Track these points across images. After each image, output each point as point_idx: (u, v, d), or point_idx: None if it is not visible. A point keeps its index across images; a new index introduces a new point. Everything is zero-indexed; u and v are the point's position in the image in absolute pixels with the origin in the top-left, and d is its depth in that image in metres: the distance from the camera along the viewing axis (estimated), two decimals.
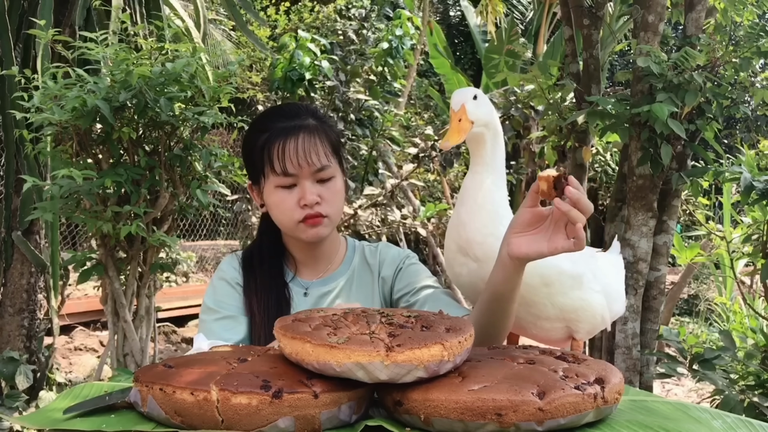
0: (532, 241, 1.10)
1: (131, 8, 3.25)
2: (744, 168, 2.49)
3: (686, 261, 3.78)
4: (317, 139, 1.32)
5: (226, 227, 8.67)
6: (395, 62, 5.78)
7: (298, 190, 1.31)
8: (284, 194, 1.32)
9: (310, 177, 1.31)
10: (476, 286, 1.26)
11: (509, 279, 1.15)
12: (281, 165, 1.30)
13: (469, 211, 1.24)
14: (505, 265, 1.13)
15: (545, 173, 1.05)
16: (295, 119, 1.34)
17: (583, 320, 1.30)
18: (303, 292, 1.41)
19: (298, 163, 1.29)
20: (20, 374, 3.23)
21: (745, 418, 0.92)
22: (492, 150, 1.25)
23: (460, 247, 1.26)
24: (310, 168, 1.30)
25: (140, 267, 2.63)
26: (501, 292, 1.16)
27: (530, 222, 1.10)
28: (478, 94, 1.23)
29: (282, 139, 1.30)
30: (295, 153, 1.29)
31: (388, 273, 1.43)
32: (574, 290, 1.24)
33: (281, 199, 1.32)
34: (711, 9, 2.69)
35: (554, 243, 1.08)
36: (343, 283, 1.43)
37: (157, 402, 0.84)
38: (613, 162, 4.69)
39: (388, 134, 5.36)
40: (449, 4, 13.14)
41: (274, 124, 1.33)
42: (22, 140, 2.90)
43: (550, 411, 0.80)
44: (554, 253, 1.09)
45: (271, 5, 6.88)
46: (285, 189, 1.32)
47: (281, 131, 1.31)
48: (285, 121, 1.33)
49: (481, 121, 1.22)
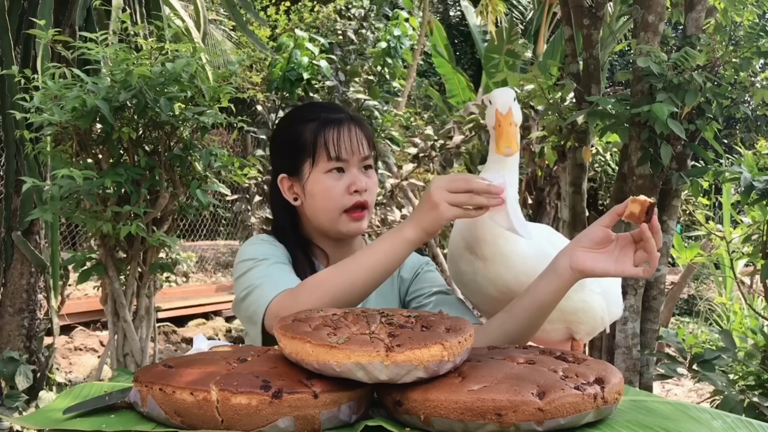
0: (599, 259, 1.14)
1: (131, 8, 3.25)
2: (744, 168, 2.49)
3: (686, 261, 3.77)
4: (363, 130, 1.37)
5: (226, 227, 8.67)
6: (394, 62, 5.78)
7: (346, 177, 1.34)
8: (334, 180, 1.33)
9: (358, 165, 1.35)
10: (479, 285, 1.25)
11: (559, 290, 1.17)
12: (336, 150, 1.32)
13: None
14: (561, 276, 1.16)
15: (640, 198, 1.10)
16: (341, 112, 1.39)
17: (584, 322, 1.30)
18: None
19: (351, 150, 1.33)
20: (20, 374, 3.23)
21: (745, 418, 0.92)
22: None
23: (468, 244, 1.24)
24: (360, 155, 1.34)
25: (140, 267, 2.63)
26: (546, 302, 1.18)
27: (601, 240, 1.14)
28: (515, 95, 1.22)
29: (335, 126, 1.34)
30: (348, 139, 1.33)
31: (408, 275, 1.45)
32: (576, 293, 1.24)
33: (331, 185, 1.33)
34: (711, 9, 2.69)
35: (622, 266, 1.13)
36: None
37: (157, 402, 0.84)
38: (613, 162, 4.70)
39: (388, 134, 5.36)
40: (449, 4, 13.13)
41: (322, 114, 1.37)
42: (22, 140, 2.90)
43: (550, 411, 0.80)
44: (620, 276, 1.15)
45: (271, 5, 6.87)
46: (335, 175, 1.33)
47: (332, 120, 1.35)
48: (331, 112, 1.38)
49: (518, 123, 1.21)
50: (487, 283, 1.23)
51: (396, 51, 5.74)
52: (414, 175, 5.84)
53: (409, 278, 1.45)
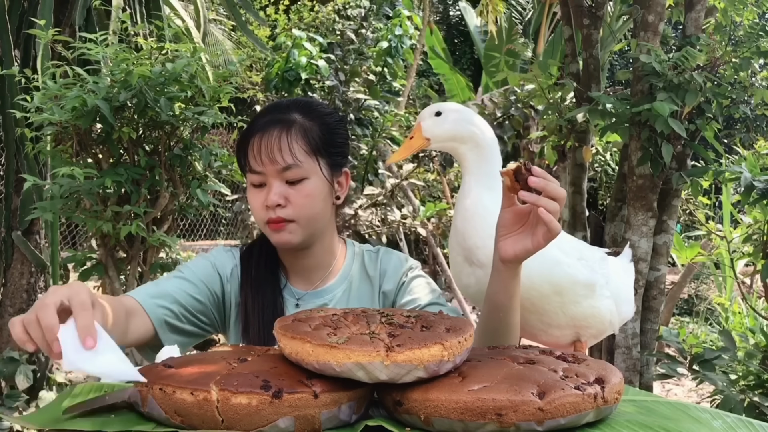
0: (517, 240, 1.08)
1: (131, 8, 3.25)
2: (744, 168, 2.49)
3: (686, 261, 3.78)
4: (290, 136, 1.23)
5: (226, 227, 8.67)
6: (395, 62, 5.78)
7: (264, 191, 1.24)
8: (254, 193, 1.25)
9: (278, 176, 1.22)
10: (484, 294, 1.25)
11: (506, 286, 1.13)
12: (247, 161, 1.24)
13: (463, 220, 1.24)
14: (499, 271, 1.12)
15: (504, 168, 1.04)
16: (277, 114, 1.26)
17: (592, 326, 1.29)
18: (295, 303, 1.32)
19: (261, 160, 1.22)
20: (20, 374, 3.23)
21: (745, 418, 0.92)
22: (477, 160, 1.24)
23: (464, 257, 1.25)
24: (275, 166, 1.21)
25: (140, 267, 2.63)
26: (500, 301, 1.14)
27: (513, 222, 1.09)
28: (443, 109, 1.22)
29: (253, 135, 1.24)
30: (259, 149, 1.22)
31: (390, 287, 1.33)
32: (587, 299, 1.23)
33: (251, 198, 1.26)
34: (711, 9, 2.69)
35: (536, 237, 1.06)
36: (339, 295, 1.34)
37: (157, 402, 0.84)
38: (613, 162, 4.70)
39: (388, 134, 5.36)
40: (449, 4, 13.13)
41: (257, 119, 1.28)
42: (23, 140, 2.90)
43: (550, 411, 0.80)
44: (539, 248, 1.07)
45: (270, 5, 6.88)
46: (255, 188, 1.25)
47: (258, 126, 1.25)
48: (266, 116, 1.27)
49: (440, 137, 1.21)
50: None
51: (397, 50, 5.74)
52: (414, 175, 5.83)
53: (393, 290, 1.33)
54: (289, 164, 1.21)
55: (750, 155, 3.02)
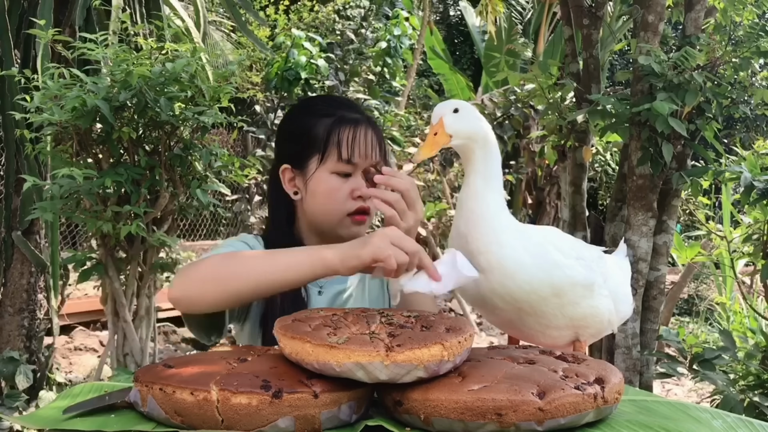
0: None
1: (131, 8, 3.25)
2: (744, 168, 2.49)
3: (686, 261, 3.77)
4: (377, 135, 1.32)
5: (226, 227, 8.66)
6: (394, 61, 5.78)
7: (352, 181, 1.29)
8: (340, 182, 1.29)
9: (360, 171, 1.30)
10: (485, 299, 1.24)
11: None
12: (348, 152, 1.28)
13: (467, 223, 1.21)
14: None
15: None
16: (359, 112, 1.34)
17: (591, 326, 1.29)
18: (318, 291, 1.36)
19: (364, 154, 1.29)
20: (20, 374, 3.23)
21: (746, 418, 0.92)
22: (484, 159, 1.23)
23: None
24: (371, 161, 1.30)
25: (140, 267, 2.63)
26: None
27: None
28: (460, 106, 1.22)
29: (352, 126, 1.29)
30: (364, 143, 1.29)
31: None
32: (586, 299, 1.23)
33: (336, 187, 1.29)
34: (711, 9, 2.69)
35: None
36: (356, 281, 1.39)
37: (157, 402, 0.84)
38: (613, 162, 4.70)
39: (389, 134, 5.36)
40: (449, 3, 13.13)
41: (339, 111, 1.32)
42: (23, 140, 2.90)
43: (550, 411, 0.80)
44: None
45: (270, 5, 6.88)
46: (341, 177, 1.29)
47: (350, 119, 1.30)
48: (349, 111, 1.33)
49: (461, 134, 1.20)
50: (492, 295, 1.22)
51: (396, 50, 5.74)
52: (414, 175, 5.84)
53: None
54: (378, 161, 1.31)
55: (750, 155, 3.02)
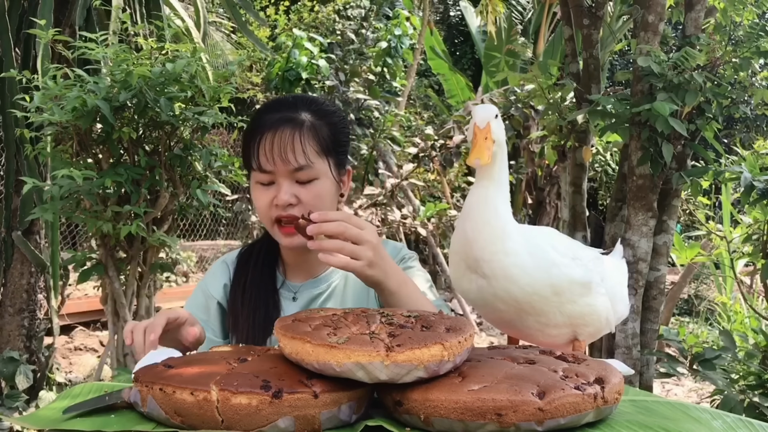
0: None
1: (131, 8, 3.25)
2: (744, 168, 2.49)
3: (686, 261, 3.77)
4: (302, 136, 1.23)
5: (226, 227, 8.66)
6: (394, 62, 5.78)
7: (273, 189, 1.24)
8: (261, 191, 1.25)
9: (288, 176, 1.23)
10: (486, 301, 1.24)
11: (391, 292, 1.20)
12: (257, 160, 1.23)
13: (474, 228, 1.21)
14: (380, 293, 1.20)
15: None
16: (287, 112, 1.26)
17: (589, 324, 1.29)
18: (292, 297, 1.35)
19: (273, 160, 1.21)
20: (20, 374, 3.23)
21: (745, 418, 0.92)
22: (499, 166, 1.24)
23: (468, 265, 1.23)
24: (286, 166, 1.22)
25: (140, 267, 2.63)
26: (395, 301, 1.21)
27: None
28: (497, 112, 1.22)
29: (262, 132, 1.23)
30: (270, 149, 1.21)
31: None
32: (583, 297, 1.23)
33: (257, 197, 1.26)
34: (711, 9, 2.69)
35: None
36: (336, 282, 1.37)
37: (157, 402, 0.84)
38: (613, 162, 4.70)
39: (389, 134, 5.36)
40: (449, 4, 13.13)
41: (265, 116, 1.27)
42: (23, 140, 2.90)
43: (550, 411, 0.80)
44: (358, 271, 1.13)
45: (270, 5, 6.88)
46: (263, 186, 1.25)
47: (266, 124, 1.24)
48: (275, 113, 1.26)
49: (499, 141, 1.21)
50: (494, 299, 1.22)
51: (396, 51, 5.74)
52: (414, 175, 5.84)
53: None
54: (302, 165, 1.23)
55: (750, 155, 3.02)
